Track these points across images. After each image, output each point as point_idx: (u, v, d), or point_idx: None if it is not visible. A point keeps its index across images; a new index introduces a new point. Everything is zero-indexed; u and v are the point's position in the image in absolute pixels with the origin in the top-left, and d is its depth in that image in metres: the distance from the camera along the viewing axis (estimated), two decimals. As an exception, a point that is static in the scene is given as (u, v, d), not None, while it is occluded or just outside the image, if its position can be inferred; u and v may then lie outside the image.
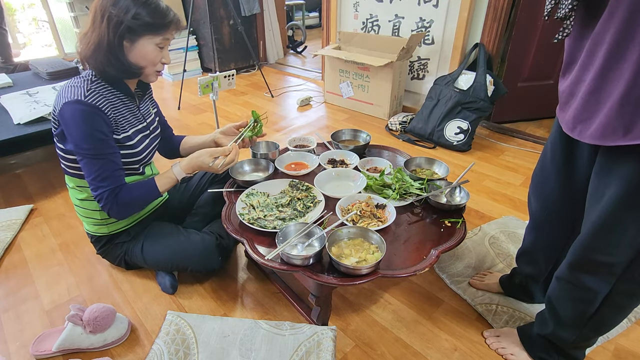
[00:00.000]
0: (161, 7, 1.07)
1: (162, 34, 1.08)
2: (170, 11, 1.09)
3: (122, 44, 1.05)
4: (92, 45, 1.05)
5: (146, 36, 1.06)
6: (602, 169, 0.78)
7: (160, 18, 1.06)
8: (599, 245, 0.81)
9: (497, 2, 2.30)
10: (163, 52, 1.13)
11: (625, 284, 0.83)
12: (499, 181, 2.06)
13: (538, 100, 2.67)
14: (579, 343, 1.00)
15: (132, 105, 1.20)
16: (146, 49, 1.08)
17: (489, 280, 1.34)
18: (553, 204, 1.02)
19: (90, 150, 1.06)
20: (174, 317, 1.22)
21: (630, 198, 0.73)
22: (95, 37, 1.04)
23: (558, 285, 0.96)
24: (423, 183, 1.28)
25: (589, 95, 0.74)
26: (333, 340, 1.14)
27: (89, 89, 1.06)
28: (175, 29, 1.12)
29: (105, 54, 1.05)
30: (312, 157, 1.47)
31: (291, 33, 4.96)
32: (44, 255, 1.56)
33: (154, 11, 1.05)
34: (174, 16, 1.10)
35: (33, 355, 1.15)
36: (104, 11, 1.02)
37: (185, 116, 3.00)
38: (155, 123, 1.32)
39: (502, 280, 1.31)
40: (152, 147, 1.29)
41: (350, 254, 1.02)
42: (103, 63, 1.06)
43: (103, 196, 1.10)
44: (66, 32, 4.27)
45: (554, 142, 0.95)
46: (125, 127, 1.15)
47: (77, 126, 1.04)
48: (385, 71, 2.66)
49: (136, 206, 1.20)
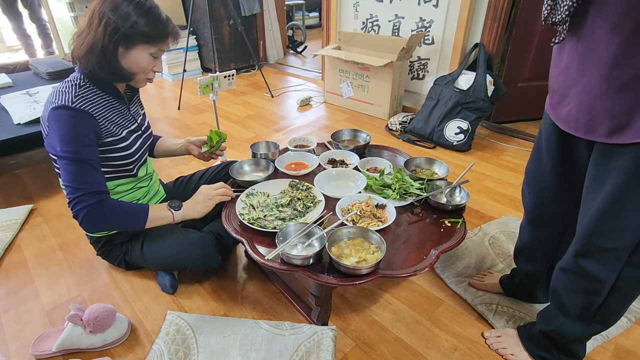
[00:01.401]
0: (161, 18, 1.07)
1: (158, 45, 1.08)
2: (170, 23, 1.09)
3: (117, 50, 1.04)
4: (85, 47, 1.04)
5: (141, 45, 1.06)
6: (602, 157, 0.79)
7: (159, 29, 1.06)
8: (605, 231, 0.81)
9: (497, 2, 2.30)
10: (156, 61, 1.13)
11: (630, 270, 0.84)
12: (499, 181, 2.06)
13: (538, 100, 2.66)
14: (586, 336, 1.00)
15: (121, 107, 1.19)
16: (140, 57, 1.07)
17: (489, 280, 1.34)
18: (549, 197, 1.03)
19: (71, 153, 1.02)
20: (174, 317, 1.22)
21: (634, 182, 0.74)
22: (90, 39, 1.03)
23: (564, 277, 0.96)
24: (423, 183, 1.28)
25: (586, 96, 0.75)
26: (333, 340, 1.14)
27: (77, 95, 1.05)
28: (172, 40, 1.12)
29: (98, 56, 1.04)
30: (312, 157, 1.47)
31: (291, 33, 4.96)
32: (44, 255, 1.56)
33: (154, 21, 1.04)
34: (173, 28, 1.10)
35: (33, 355, 1.15)
36: (102, 15, 1.01)
37: (185, 116, 3.00)
38: (145, 123, 1.32)
39: (502, 281, 1.31)
40: (144, 147, 1.28)
41: (350, 254, 1.02)
42: (94, 65, 1.05)
43: (81, 200, 1.03)
44: (66, 32, 4.27)
45: (548, 135, 0.95)
46: (115, 131, 1.14)
47: (61, 128, 1.02)
48: (385, 71, 2.66)
49: (113, 221, 1.12)
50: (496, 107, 2.61)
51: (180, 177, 1.58)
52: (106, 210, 1.08)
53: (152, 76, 1.16)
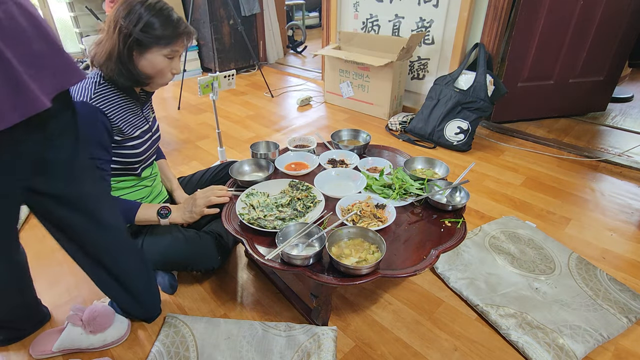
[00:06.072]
0: (172, 18, 1.07)
1: (171, 46, 1.08)
2: (181, 23, 1.09)
3: (132, 55, 1.06)
4: (105, 54, 1.06)
5: (154, 48, 1.06)
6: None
7: (170, 30, 1.06)
8: None
9: (497, 2, 2.30)
10: (173, 63, 1.13)
11: None
12: (499, 181, 2.06)
13: (538, 100, 2.67)
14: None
15: (136, 108, 1.21)
16: (155, 60, 1.08)
17: None
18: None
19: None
20: (173, 319, 1.22)
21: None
22: (108, 46, 1.05)
23: None
24: (423, 183, 1.28)
25: None
26: (334, 341, 1.14)
27: (96, 92, 1.07)
28: (186, 40, 1.12)
29: (115, 63, 1.06)
30: (312, 157, 1.47)
31: (291, 33, 4.96)
32: (44, 255, 1.56)
33: (165, 22, 1.05)
34: (185, 28, 1.10)
35: (33, 355, 1.15)
36: (117, 22, 1.03)
37: (185, 116, 3.00)
38: (155, 126, 1.33)
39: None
40: (152, 148, 1.29)
41: (350, 254, 1.02)
42: (113, 71, 1.07)
43: None
44: (66, 32, 4.27)
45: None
46: (129, 131, 1.15)
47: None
48: (385, 71, 2.66)
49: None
50: (496, 107, 2.60)
51: (181, 177, 1.58)
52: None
53: (170, 78, 1.16)
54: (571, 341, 1.16)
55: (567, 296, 1.32)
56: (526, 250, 1.52)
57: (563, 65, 2.55)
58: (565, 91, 2.66)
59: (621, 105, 2.99)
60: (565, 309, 1.27)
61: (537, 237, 1.59)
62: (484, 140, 2.52)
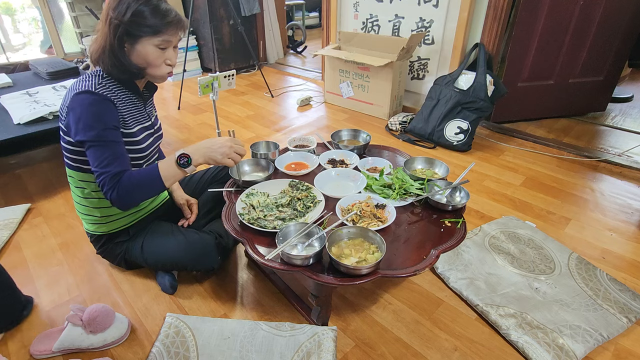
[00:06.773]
0: (161, 8, 1.06)
1: (161, 35, 1.07)
2: (170, 12, 1.08)
3: (123, 46, 1.07)
4: (99, 49, 1.07)
5: (144, 38, 1.06)
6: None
7: (159, 18, 1.06)
8: None
9: (497, 2, 2.30)
10: (166, 53, 1.12)
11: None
12: (499, 181, 2.06)
13: (538, 100, 2.67)
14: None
15: (139, 103, 1.21)
16: (145, 50, 1.08)
17: None
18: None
19: (96, 136, 1.03)
20: (174, 319, 1.22)
21: None
22: (102, 40, 1.06)
23: None
24: (423, 183, 1.28)
25: None
26: (334, 341, 1.14)
27: (99, 83, 1.08)
28: (176, 30, 1.10)
29: (109, 56, 1.07)
30: (312, 157, 1.47)
31: (291, 33, 4.96)
32: (43, 255, 1.56)
33: (153, 11, 1.05)
34: (175, 17, 1.09)
35: (33, 355, 1.15)
36: (107, 15, 1.04)
37: (185, 116, 3.00)
38: (158, 124, 1.34)
39: None
40: (155, 145, 1.30)
41: (350, 254, 1.02)
42: (108, 65, 1.08)
43: (106, 180, 1.03)
44: (66, 32, 4.27)
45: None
46: (131, 124, 1.16)
47: (85, 113, 1.03)
48: (385, 71, 2.66)
49: (137, 194, 1.08)
50: (496, 107, 2.60)
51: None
52: (128, 187, 1.05)
53: (167, 70, 1.15)
54: (571, 341, 1.16)
55: (567, 296, 1.32)
56: (526, 250, 1.52)
57: (563, 65, 2.55)
58: (565, 91, 2.66)
59: (621, 105, 2.99)
60: (565, 309, 1.27)
61: (537, 237, 1.59)
62: (484, 140, 2.52)
